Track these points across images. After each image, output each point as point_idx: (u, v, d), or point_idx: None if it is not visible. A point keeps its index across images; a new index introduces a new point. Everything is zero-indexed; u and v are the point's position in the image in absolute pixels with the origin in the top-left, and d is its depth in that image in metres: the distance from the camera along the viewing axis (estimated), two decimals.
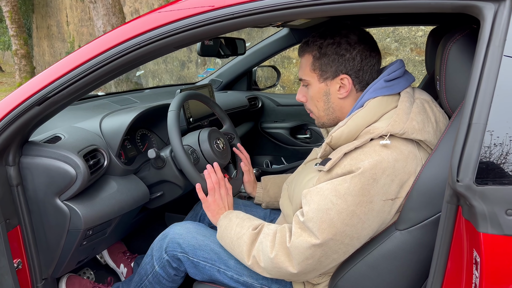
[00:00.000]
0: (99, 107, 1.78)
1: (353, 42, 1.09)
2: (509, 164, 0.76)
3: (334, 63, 1.10)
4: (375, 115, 1.03)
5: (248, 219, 1.21)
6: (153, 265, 1.32)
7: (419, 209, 0.96)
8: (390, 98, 1.06)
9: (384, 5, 0.84)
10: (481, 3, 0.78)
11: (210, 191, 1.31)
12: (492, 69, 0.75)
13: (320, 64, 1.11)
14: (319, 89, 1.14)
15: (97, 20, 5.64)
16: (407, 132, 0.99)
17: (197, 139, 1.49)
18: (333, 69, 1.10)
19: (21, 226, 1.20)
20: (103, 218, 1.27)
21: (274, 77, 2.94)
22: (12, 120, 1.07)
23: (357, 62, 1.09)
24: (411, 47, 3.45)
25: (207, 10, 0.93)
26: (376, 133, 1.00)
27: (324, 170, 1.03)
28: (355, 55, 1.08)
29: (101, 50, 1.02)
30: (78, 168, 1.17)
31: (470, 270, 0.80)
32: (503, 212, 0.74)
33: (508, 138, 0.75)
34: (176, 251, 1.26)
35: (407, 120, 1.00)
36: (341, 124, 1.04)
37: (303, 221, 1.02)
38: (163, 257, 1.29)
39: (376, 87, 1.06)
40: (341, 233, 0.99)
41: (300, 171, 1.29)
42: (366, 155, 0.98)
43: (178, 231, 1.29)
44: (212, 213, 1.31)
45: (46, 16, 13.33)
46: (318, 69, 1.12)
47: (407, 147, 1.00)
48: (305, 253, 1.02)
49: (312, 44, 1.13)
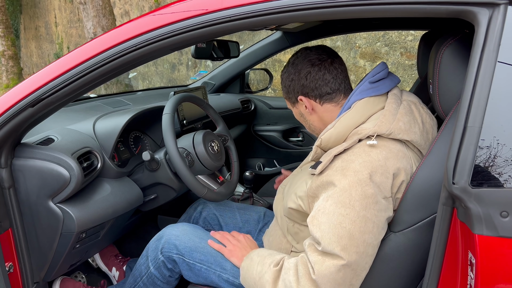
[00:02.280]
0: (91, 109, 1.76)
1: (299, 65, 1.13)
2: (504, 166, 0.77)
3: (290, 89, 1.17)
4: (362, 116, 1.05)
5: (270, 256, 1.13)
6: (148, 266, 1.31)
7: (414, 211, 0.97)
8: (377, 99, 1.08)
9: (380, 10, 0.85)
10: (476, 9, 0.79)
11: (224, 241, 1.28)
12: (486, 73, 0.77)
13: (285, 93, 1.21)
14: (295, 111, 1.24)
15: (87, 22, 5.59)
16: (393, 133, 1.01)
17: (192, 142, 1.49)
18: (292, 95, 1.18)
19: (13, 229, 1.18)
20: (97, 221, 1.26)
21: (266, 80, 2.94)
22: (4, 122, 1.05)
23: (305, 82, 1.13)
24: (401, 51, 3.49)
25: (201, 14, 0.93)
26: (364, 133, 1.01)
27: (316, 173, 1.03)
28: (302, 77, 1.13)
29: (96, 52, 1.01)
30: (71, 170, 1.16)
31: (465, 271, 0.81)
32: (498, 214, 0.76)
33: (502, 141, 0.77)
34: (172, 252, 1.26)
35: (393, 121, 1.02)
36: (330, 127, 1.06)
37: (322, 247, 0.96)
38: (159, 258, 1.28)
39: (361, 89, 1.08)
40: (362, 243, 0.95)
41: (295, 174, 1.29)
42: (355, 156, 0.99)
43: (175, 232, 1.29)
44: (237, 258, 1.22)
45: (34, 17, 13.18)
46: (286, 97, 1.22)
47: (396, 146, 1.02)
48: (335, 278, 0.95)
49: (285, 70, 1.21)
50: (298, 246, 1.19)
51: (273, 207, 1.35)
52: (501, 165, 0.77)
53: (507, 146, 0.77)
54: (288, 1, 0.88)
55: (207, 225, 1.56)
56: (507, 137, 0.77)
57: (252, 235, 1.51)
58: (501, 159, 0.77)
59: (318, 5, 0.87)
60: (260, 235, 1.49)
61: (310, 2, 0.87)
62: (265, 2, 0.89)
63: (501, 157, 0.77)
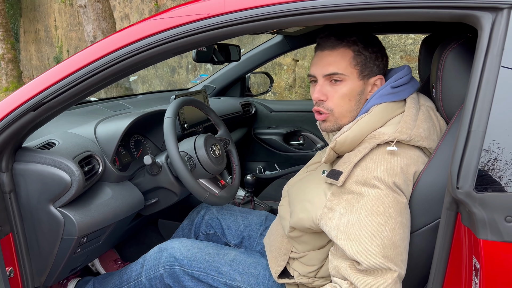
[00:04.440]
0: (92, 112, 1.76)
1: (378, 43, 1.08)
2: (508, 171, 0.77)
3: (372, 62, 1.05)
4: (380, 121, 1.02)
5: None
6: (140, 274, 1.33)
7: (418, 215, 0.96)
8: (396, 104, 1.05)
9: (384, 14, 0.85)
10: (479, 13, 0.79)
11: None
12: (490, 77, 0.77)
13: (362, 60, 1.04)
14: (356, 87, 1.05)
15: (87, 25, 5.59)
16: (413, 139, 0.99)
17: (193, 146, 1.48)
18: (372, 68, 1.06)
19: (14, 233, 1.17)
20: (98, 225, 1.26)
21: (266, 83, 2.94)
22: (6, 126, 1.05)
23: (384, 63, 1.08)
24: (401, 54, 3.49)
25: (202, 18, 0.93)
26: (382, 138, 0.99)
27: (338, 185, 0.98)
28: (383, 55, 1.08)
29: (98, 56, 1.01)
30: (73, 174, 1.15)
31: (470, 276, 0.81)
32: (503, 219, 0.75)
33: (507, 145, 0.76)
34: (173, 264, 1.28)
35: (413, 127, 0.99)
36: (346, 129, 1.02)
37: (366, 266, 0.89)
38: (158, 270, 1.30)
39: (382, 93, 1.04)
40: (404, 250, 0.92)
41: (303, 177, 1.24)
42: (376, 163, 0.96)
43: (175, 245, 1.32)
44: None
45: (34, 20, 13.19)
46: (360, 65, 1.04)
47: (415, 152, 1.00)
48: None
49: (348, 38, 1.05)
50: (299, 247, 1.16)
51: (278, 208, 1.30)
52: (505, 169, 0.77)
53: (511, 150, 0.76)
54: (290, 6, 0.88)
55: (210, 229, 1.56)
56: (511, 141, 0.76)
57: (253, 238, 1.50)
58: (505, 164, 0.77)
59: (322, 9, 0.87)
60: (261, 239, 1.48)
61: (313, 6, 0.87)
62: (267, 7, 0.89)
63: (505, 162, 0.77)
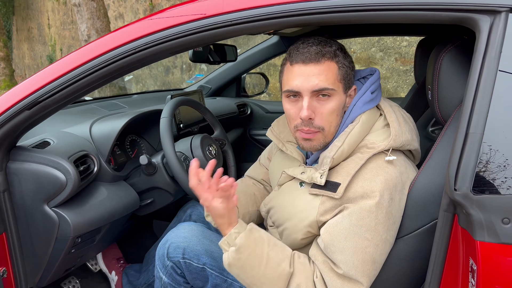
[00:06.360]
0: (87, 112, 1.75)
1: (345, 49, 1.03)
2: (505, 173, 0.77)
3: (350, 72, 1.01)
4: (367, 129, 1.01)
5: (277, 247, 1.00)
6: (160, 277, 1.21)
7: (414, 217, 0.97)
8: (374, 110, 1.05)
9: (382, 16, 0.85)
10: (477, 16, 0.79)
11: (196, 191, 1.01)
12: (488, 80, 0.77)
13: (344, 73, 0.99)
14: (342, 100, 1.00)
15: (81, 24, 5.55)
16: (404, 145, 0.99)
17: (190, 146, 1.48)
18: (350, 78, 1.02)
19: (7, 233, 1.16)
20: (93, 225, 1.24)
21: (262, 84, 2.94)
22: (0, 124, 1.04)
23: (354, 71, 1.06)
24: (395, 56, 3.51)
25: (199, 18, 0.93)
26: (378, 148, 0.97)
27: (337, 197, 0.95)
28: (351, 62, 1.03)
29: (94, 55, 1.00)
30: (68, 174, 1.14)
31: (466, 278, 0.81)
32: (500, 221, 0.76)
33: (504, 147, 0.77)
34: (179, 256, 1.17)
35: (402, 133, 0.99)
36: (339, 144, 0.98)
37: (344, 272, 0.93)
38: (167, 264, 1.18)
39: (364, 101, 1.02)
40: (379, 265, 0.96)
41: (278, 193, 1.13)
42: (373, 174, 0.95)
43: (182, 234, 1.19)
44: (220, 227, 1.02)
45: (26, 19, 13.09)
46: (344, 79, 0.99)
47: (401, 157, 1.01)
48: None
49: (329, 49, 0.98)
50: None
51: None
52: (502, 171, 0.77)
53: (508, 153, 0.77)
54: (288, 7, 0.88)
55: None
56: (508, 143, 0.77)
57: None
58: (502, 166, 0.77)
59: (319, 10, 0.87)
60: None
61: (311, 7, 0.87)
62: (264, 7, 0.89)
63: (502, 164, 0.77)
